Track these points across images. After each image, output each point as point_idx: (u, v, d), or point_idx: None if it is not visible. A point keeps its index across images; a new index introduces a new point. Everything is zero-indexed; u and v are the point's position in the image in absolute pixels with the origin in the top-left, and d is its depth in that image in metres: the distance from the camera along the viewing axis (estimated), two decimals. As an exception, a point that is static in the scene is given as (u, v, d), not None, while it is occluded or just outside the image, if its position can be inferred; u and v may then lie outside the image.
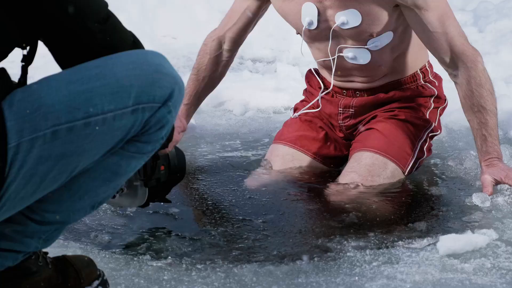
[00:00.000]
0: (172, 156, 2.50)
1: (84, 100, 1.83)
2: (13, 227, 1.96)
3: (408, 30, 3.02)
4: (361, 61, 3.03)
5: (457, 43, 2.87)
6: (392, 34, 2.98)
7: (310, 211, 2.83)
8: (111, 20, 1.95)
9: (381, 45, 2.99)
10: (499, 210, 2.72)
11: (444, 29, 2.87)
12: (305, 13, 3.00)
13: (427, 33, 2.89)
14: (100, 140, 1.88)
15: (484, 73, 2.87)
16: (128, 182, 2.44)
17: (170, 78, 1.94)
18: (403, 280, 2.24)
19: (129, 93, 1.87)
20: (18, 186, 1.83)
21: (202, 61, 3.31)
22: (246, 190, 3.05)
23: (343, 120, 3.16)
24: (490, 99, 2.88)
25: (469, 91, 2.88)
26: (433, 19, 2.86)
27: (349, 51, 3.02)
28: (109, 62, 1.89)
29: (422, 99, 3.14)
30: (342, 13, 2.93)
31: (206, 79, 3.32)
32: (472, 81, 2.87)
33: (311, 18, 2.99)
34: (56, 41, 1.90)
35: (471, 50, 2.89)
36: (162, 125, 1.95)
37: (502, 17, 5.86)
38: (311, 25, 3.00)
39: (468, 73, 2.87)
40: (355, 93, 3.15)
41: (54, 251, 2.31)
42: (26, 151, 1.80)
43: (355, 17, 2.93)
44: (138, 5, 6.25)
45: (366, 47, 2.99)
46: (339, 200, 2.93)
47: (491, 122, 2.87)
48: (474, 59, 2.87)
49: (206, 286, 2.24)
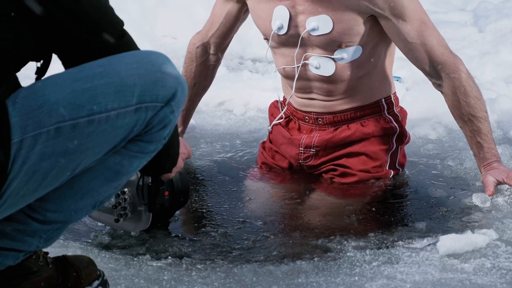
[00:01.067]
0: (176, 182, 2.55)
1: (88, 98, 1.84)
2: (14, 226, 1.97)
3: (377, 50, 2.97)
4: (325, 71, 2.96)
5: (437, 53, 2.84)
6: (361, 49, 2.93)
7: (310, 211, 2.83)
8: (126, 37, 1.97)
9: (347, 59, 2.94)
10: (499, 210, 2.72)
11: (423, 39, 2.84)
12: (276, 16, 2.96)
13: (405, 44, 2.86)
14: (103, 138, 1.88)
15: (468, 81, 2.84)
16: (132, 206, 2.48)
17: (173, 78, 1.94)
18: (403, 280, 2.24)
19: (133, 92, 1.88)
20: (21, 182, 1.83)
21: (190, 69, 3.32)
22: (246, 190, 3.05)
23: (304, 159, 3.10)
24: (479, 106, 2.85)
25: (456, 102, 2.86)
26: (411, 30, 2.83)
27: (315, 59, 2.97)
28: (113, 62, 1.89)
29: (385, 139, 3.06)
30: (313, 19, 2.90)
31: (197, 85, 3.34)
32: (457, 91, 2.84)
33: (282, 22, 2.95)
34: (69, 53, 1.92)
35: (452, 59, 2.85)
36: (165, 124, 1.96)
37: (502, 17, 5.86)
38: (280, 29, 2.97)
39: (452, 83, 2.85)
40: (317, 120, 3.08)
41: (54, 251, 2.31)
42: (29, 147, 1.81)
43: (326, 23, 2.89)
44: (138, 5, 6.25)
45: (332, 56, 2.94)
46: (339, 200, 2.93)
47: (484, 128, 2.85)
48: (456, 68, 2.84)
49: (206, 286, 2.24)
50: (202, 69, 3.31)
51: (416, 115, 3.92)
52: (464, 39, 5.59)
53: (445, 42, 2.89)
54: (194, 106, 3.42)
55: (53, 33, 1.89)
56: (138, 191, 2.46)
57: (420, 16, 2.86)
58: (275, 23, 2.97)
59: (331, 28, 2.88)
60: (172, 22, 6.19)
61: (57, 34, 1.89)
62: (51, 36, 1.89)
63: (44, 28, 1.88)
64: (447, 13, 6.57)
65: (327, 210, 2.84)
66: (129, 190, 2.48)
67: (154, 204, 2.47)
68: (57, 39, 1.90)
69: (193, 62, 3.31)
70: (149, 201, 2.47)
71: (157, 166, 2.21)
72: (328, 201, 2.93)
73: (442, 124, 3.72)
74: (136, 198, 2.47)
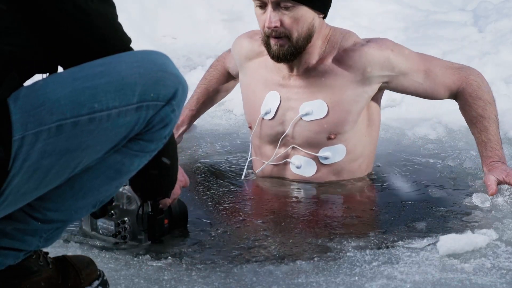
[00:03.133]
0: (175, 208, 2.58)
1: (89, 96, 1.84)
2: (14, 225, 1.97)
3: (360, 148, 2.99)
4: (306, 172, 2.99)
5: (447, 80, 2.93)
6: (344, 150, 2.95)
7: (310, 211, 2.83)
8: None
9: (331, 159, 2.96)
10: (499, 210, 2.72)
11: (432, 78, 2.91)
12: (266, 101, 2.99)
13: (421, 90, 2.94)
14: (104, 136, 1.88)
15: (480, 88, 2.92)
16: (132, 235, 2.51)
17: (174, 77, 1.95)
18: (403, 280, 2.24)
19: (134, 91, 1.88)
20: (21, 180, 1.83)
21: (213, 75, 3.39)
22: (246, 190, 3.05)
23: None
24: (489, 108, 2.91)
25: (467, 106, 2.93)
26: (419, 76, 2.91)
27: (297, 158, 2.99)
28: (113, 61, 1.90)
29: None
30: (308, 104, 2.92)
31: (215, 91, 3.41)
32: (468, 98, 2.92)
33: (271, 107, 2.97)
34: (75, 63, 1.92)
35: (462, 75, 2.94)
36: (166, 123, 1.96)
37: (502, 17, 5.86)
38: (268, 114, 2.98)
39: (464, 92, 2.92)
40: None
41: (54, 251, 2.31)
42: (30, 144, 1.81)
43: (321, 108, 2.91)
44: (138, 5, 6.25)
45: (317, 154, 2.95)
46: (339, 201, 2.93)
47: (491, 129, 2.90)
48: (467, 81, 2.92)
49: (206, 286, 2.24)
50: (224, 80, 3.38)
51: (416, 115, 3.92)
52: (464, 39, 5.59)
53: (450, 63, 2.97)
54: (203, 110, 3.48)
55: (61, 46, 1.89)
56: (138, 220, 2.47)
57: (417, 60, 2.93)
58: (264, 108, 2.99)
59: (326, 113, 2.91)
60: (172, 22, 6.19)
61: (65, 47, 1.90)
62: (59, 49, 1.90)
63: (53, 41, 1.88)
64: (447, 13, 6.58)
65: (327, 210, 2.84)
66: (129, 219, 2.49)
67: (154, 232, 2.49)
68: (65, 53, 1.91)
69: (218, 71, 3.38)
70: (149, 230, 2.49)
71: (157, 186, 2.23)
72: (328, 201, 2.93)
73: (442, 124, 3.72)
74: (136, 227, 2.49)
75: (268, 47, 2.86)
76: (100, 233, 2.53)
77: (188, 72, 5.02)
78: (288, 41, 2.82)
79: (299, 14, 2.79)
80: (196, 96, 3.41)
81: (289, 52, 2.84)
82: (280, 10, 2.79)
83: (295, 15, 2.79)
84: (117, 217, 2.50)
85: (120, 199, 2.49)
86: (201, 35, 6.13)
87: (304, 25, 2.81)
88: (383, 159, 3.30)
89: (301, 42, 2.83)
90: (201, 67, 5.21)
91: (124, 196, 2.48)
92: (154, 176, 2.15)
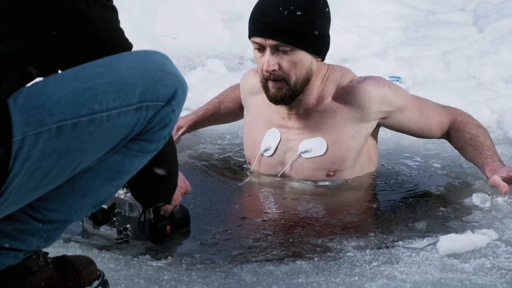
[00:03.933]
0: (177, 215, 2.58)
1: (89, 96, 1.85)
2: (14, 225, 1.97)
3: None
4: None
5: (440, 116, 3.01)
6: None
7: (310, 211, 2.83)
8: None
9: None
10: (499, 210, 2.73)
11: (426, 114, 2.99)
12: (267, 138, 3.01)
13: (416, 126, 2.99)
14: (104, 137, 1.88)
15: (470, 117, 3.04)
16: (134, 242, 2.50)
17: (173, 77, 1.95)
18: (403, 280, 2.24)
19: (134, 91, 1.88)
20: (22, 180, 1.83)
21: (230, 94, 3.39)
22: (246, 190, 3.05)
23: None
24: (481, 130, 3.00)
25: (460, 132, 2.99)
26: (415, 112, 2.97)
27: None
28: (113, 61, 1.90)
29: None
30: (308, 141, 2.94)
31: (226, 109, 3.40)
32: (460, 125, 3.01)
33: (271, 144, 2.99)
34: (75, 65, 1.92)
35: (451, 110, 3.04)
36: (166, 123, 1.96)
37: (502, 17, 5.87)
38: (267, 150, 3.00)
39: (456, 121, 3.01)
40: None
41: (54, 251, 2.31)
42: (30, 145, 1.81)
43: (320, 146, 2.93)
44: (138, 5, 6.26)
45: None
46: (339, 200, 2.93)
47: (487, 143, 2.96)
48: (457, 114, 3.03)
49: (206, 286, 2.24)
50: (234, 98, 3.37)
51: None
52: (464, 39, 5.59)
53: (436, 103, 3.07)
54: (208, 123, 3.49)
55: (62, 50, 1.90)
56: (140, 227, 2.48)
57: (412, 97, 3.01)
58: (264, 145, 3.01)
59: (325, 150, 2.93)
60: (172, 22, 6.20)
61: (66, 51, 1.90)
62: (59, 53, 1.90)
63: (54, 44, 1.89)
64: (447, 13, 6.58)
65: (327, 210, 2.84)
66: (131, 226, 2.50)
67: (156, 240, 2.49)
68: (66, 56, 1.91)
69: (235, 93, 3.36)
70: (151, 237, 2.49)
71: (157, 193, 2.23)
72: (328, 200, 2.93)
73: (442, 124, 3.71)
74: (138, 234, 2.49)
75: (266, 89, 2.88)
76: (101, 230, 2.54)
77: (188, 72, 5.03)
78: (286, 84, 2.84)
79: (297, 58, 2.81)
80: (207, 106, 3.43)
81: (287, 95, 2.86)
82: (278, 54, 2.81)
83: (293, 59, 2.81)
84: (119, 224, 2.50)
85: (122, 206, 2.49)
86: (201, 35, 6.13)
87: (302, 69, 2.83)
88: (383, 159, 3.30)
89: (299, 85, 2.86)
90: (201, 67, 5.22)
91: (126, 203, 2.49)
92: (154, 183, 2.15)
